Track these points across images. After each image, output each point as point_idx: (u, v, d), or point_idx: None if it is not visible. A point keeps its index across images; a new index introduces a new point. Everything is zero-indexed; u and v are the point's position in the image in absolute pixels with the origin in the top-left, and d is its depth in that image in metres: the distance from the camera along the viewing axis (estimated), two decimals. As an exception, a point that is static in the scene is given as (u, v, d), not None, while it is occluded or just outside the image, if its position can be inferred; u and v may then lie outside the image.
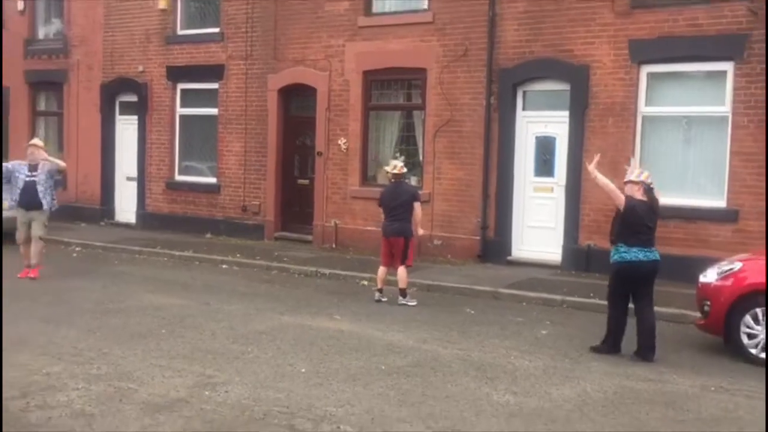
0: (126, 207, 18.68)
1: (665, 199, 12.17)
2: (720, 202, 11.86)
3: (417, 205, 10.82)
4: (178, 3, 17.59)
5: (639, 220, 8.15)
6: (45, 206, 11.89)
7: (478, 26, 13.66)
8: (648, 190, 8.34)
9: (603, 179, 8.36)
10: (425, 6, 14.43)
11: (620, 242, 8.20)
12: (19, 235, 12.01)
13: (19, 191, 11.86)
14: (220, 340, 8.40)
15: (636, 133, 12.49)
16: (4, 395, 6.36)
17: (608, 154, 12.57)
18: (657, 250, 8.27)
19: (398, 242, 10.74)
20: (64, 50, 19.40)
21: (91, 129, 18.87)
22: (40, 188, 11.83)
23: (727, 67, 11.76)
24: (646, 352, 8.06)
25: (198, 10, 17.58)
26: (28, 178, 11.82)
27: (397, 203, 10.76)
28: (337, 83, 15.28)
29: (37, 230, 11.87)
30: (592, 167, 8.56)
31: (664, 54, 12.22)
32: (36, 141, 12.66)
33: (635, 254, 8.11)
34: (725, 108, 11.81)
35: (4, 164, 12.23)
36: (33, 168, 11.92)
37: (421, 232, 11.16)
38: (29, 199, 11.80)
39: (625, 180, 8.45)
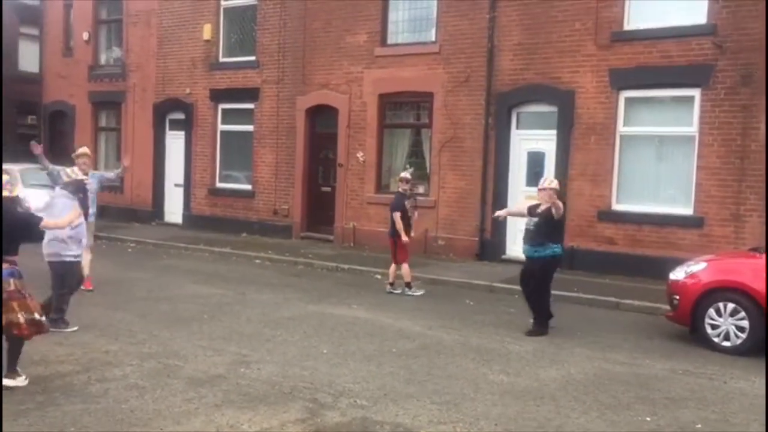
0: (174, 209, 18.71)
1: (640, 207, 12.23)
2: (688, 210, 11.77)
3: (394, 215, 10.64)
4: (220, 34, 17.62)
5: (563, 221, 8.65)
6: (93, 216, 10.15)
7: (478, 56, 13.62)
8: (558, 193, 8.51)
9: (558, 204, 8.32)
10: (433, 38, 14.39)
11: (551, 242, 8.41)
12: None
13: None
14: (254, 325, 8.41)
15: (615, 149, 12.40)
16: (71, 370, 6.40)
17: (590, 167, 12.55)
18: None
19: (390, 242, 10.82)
20: (123, 74, 19.48)
21: (145, 142, 18.93)
22: (91, 196, 9.97)
23: (695, 93, 11.66)
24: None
25: (237, 40, 17.60)
26: None
27: (390, 209, 10.87)
28: (356, 104, 15.27)
29: (89, 241, 9.89)
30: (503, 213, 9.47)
31: (639, 81, 12.14)
32: (86, 150, 10.49)
33: (560, 248, 8.54)
34: (693, 128, 11.72)
35: (53, 169, 10.21)
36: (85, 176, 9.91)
37: (403, 238, 10.58)
38: (82, 209, 9.65)
39: (544, 187, 8.47)
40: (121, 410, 5.42)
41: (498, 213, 9.74)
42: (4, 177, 6.33)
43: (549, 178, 8.95)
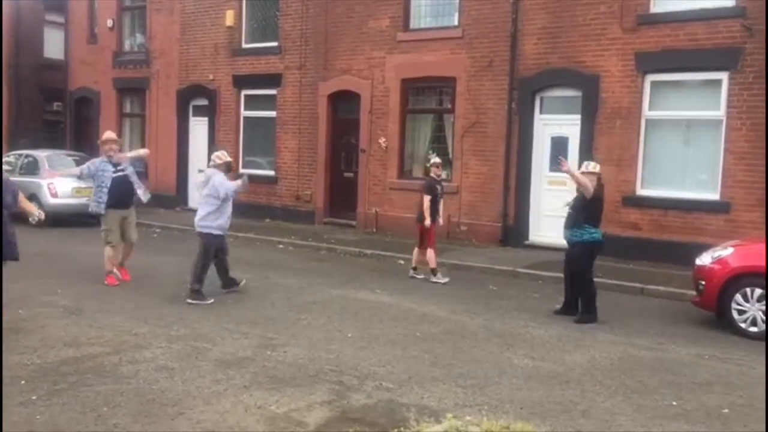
0: (197, 195, 18.84)
1: (666, 192, 12.12)
2: (714, 195, 11.64)
3: (424, 198, 10.65)
4: (242, 20, 17.68)
5: (601, 205, 8.53)
6: (142, 198, 9.92)
7: (501, 41, 13.54)
8: (598, 178, 8.56)
9: (578, 175, 8.42)
10: (455, 23, 14.32)
11: (588, 225, 8.39)
12: (113, 237, 9.63)
13: (107, 190, 9.54)
14: (279, 309, 8.50)
15: (640, 134, 12.30)
16: (101, 351, 6.53)
17: (615, 152, 12.46)
18: None
19: (418, 227, 10.80)
20: (147, 61, 19.62)
21: (169, 128, 19.08)
22: (134, 180, 9.80)
23: (723, 76, 11.51)
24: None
25: (259, 26, 17.64)
26: (116, 174, 9.60)
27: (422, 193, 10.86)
28: (379, 90, 15.25)
29: (134, 233, 9.93)
30: (571, 168, 8.71)
31: (666, 65, 12.00)
32: (111, 134, 10.14)
33: (599, 234, 8.47)
34: (720, 112, 11.57)
35: (87, 164, 9.95)
36: (116, 163, 9.68)
37: (426, 222, 10.56)
38: (124, 196, 9.67)
39: (584, 171, 8.57)
40: (152, 391, 5.52)
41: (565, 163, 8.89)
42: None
43: (592, 163, 8.86)
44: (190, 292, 8.74)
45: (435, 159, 11.22)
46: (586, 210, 8.45)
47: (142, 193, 9.93)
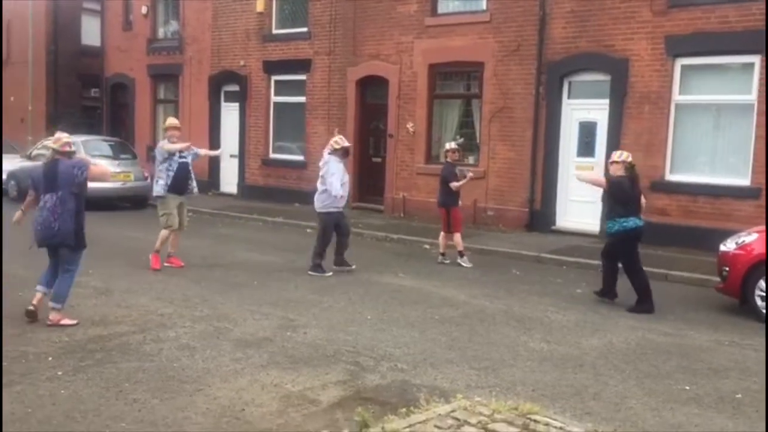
0: (229, 180, 19.15)
1: (695, 178, 11.98)
2: (744, 181, 11.47)
3: (451, 184, 10.68)
4: (273, 6, 17.82)
5: (625, 193, 8.28)
6: (194, 189, 10.12)
7: (529, 25, 13.44)
8: (629, 167, 8.46)
9: (586, 176, 8.67)
10: (483, 7, 14.25)
11: (616, 215, 8.27)
12: (173, 221, 9.74)
13: (172, 174, 9.67)
14: (301, 291, 8.65)
15: (669, 118, 12.14)
16: (127, 330, 6.74)
17: (644, 137, 12.32)
18: (641, 217, 8.40)
19: (441, 212, 10.83)
20: (179, 47, 19.90)
21: (201, 114, 19.36)
22: (191, 170, 10.02)
23: (755, 59, 11.29)
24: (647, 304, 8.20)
25: (289, 12, 17.76)
26: (181, 160, 9.77)
27: (440, 179, 10.90)
28: (407, 75, 15.27)
29: (186, 219, 10.10)
30: (581, 174, 9.05)
31: (696, 48, 11.81)
32: (175, 121, 10.24)
33: (634, 222, 8.23)
34: (752, 96, 11.36)
35: (157, 150, 10.00)
36: (186, 148, 9.95)
37: (459, 183, 10.64)
38: (183, 183, 9.82)
39: (610, 161, 8.66)
40: (173, 368, 5.70)
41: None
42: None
43: (617, 152, 8.82)
44: (312, 265, 9.65)
45: (452, 144, 11.23)
46: (612, 200, 8.42)
47: (195, 185, 10.16)
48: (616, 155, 8.68)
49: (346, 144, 9.95)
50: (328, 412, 4.92)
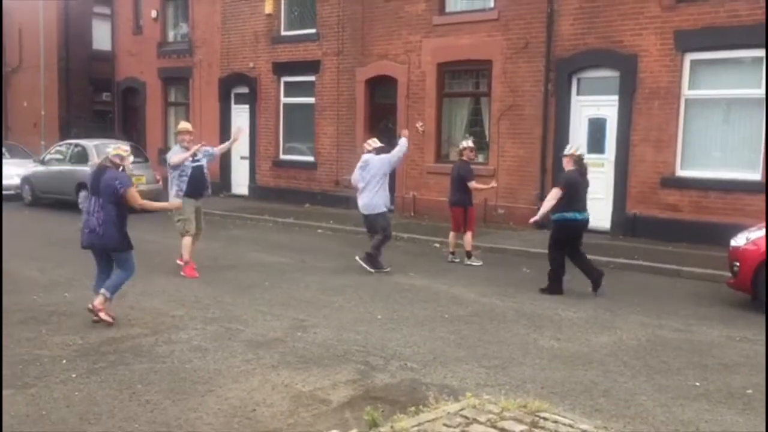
0: (240, 181, 19.25)
1: (705, 173, 11.93)
2: (755, 175, 11.41)
3: (470, 184, 10.70)
4: (281, 8, 17.89)
5: (573, 187, 8.69)
6: (208, 192, 10.08)
7: (537, 22, 13.43)
8: (578, 160, 8.91)
9: (547, 206, 8.88)
10: (491, 5, 14.24)
11: (561, 207, 8.68)
12: (191, 226, 9.65)
13: (186, 179, 9.52)
14: (312, 291, 8.69)
15: (679, 114, 12.10)
16: (140, 332, 6.81)
17: (653, 133, 12.29)
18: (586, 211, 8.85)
19: (455, 211, 10.82)
20: (189, 50, 20.03)
21: (211, 116, 19.48)
22: (206, 172, 9.85)
23: (764, 53, 11.22)
24: (599, 281, 8.71)
25: (298, 13, 17.84)
26: (194, 164, 9.59)
27: (452, 178, 10.88)
28: (415, 74, 15.30)
29: (202, 223, 10.01)
30: (541, 214, 9.09)
31: (706, 43, 11.76)
32: (188, 125, 10.08)
33: (573, 215, 8.66)
34: (761, 90, 11.30)
35: (170, 154, 9.86)
36: (193, 154, 9.66)
37: (477, 186, 10.84)
38: (199, 187, 9.67)
39: (562, 154, 9.21)
40: (185, 369, 5.76)
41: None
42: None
43: (569, 145, 9.52)
44: (366, 256, 9.94)
45: (469, 143, 11.20)
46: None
47: (209, 188, 10.09)
48: (567, 149, 9.21)
49: (379, 144, 10.45)
50: (338, 412, 4.96)
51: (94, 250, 7.14)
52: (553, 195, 8.78)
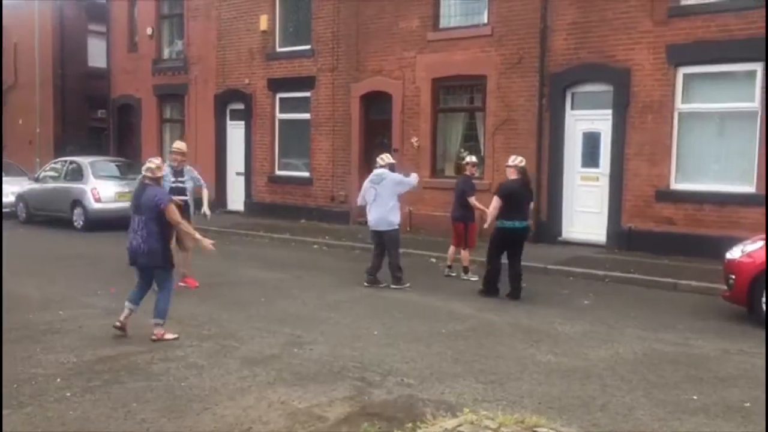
0: (236, 197, 19.22)
1: (700, 186, 11.97)
2: (750, 188, 11.45)
3: (470, 199, 10.70)
4: (276, 25, 17.96)
5: (513, 197, 9.16)
6: (203, 211, 10.28)
7: (531, 37, 13.51)
8: (521, 170, 9.39)
9: (493, 213, 9.40)
10: (485, 21, 14.33)
11: (502, 216, 9.17)
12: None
13: None
14: (308, 308, 8.67)
15: (673, 127, 12.15)
16: (135, 350, 6.78)
17: (647, 147, 12.34)
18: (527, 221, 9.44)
19: (457, 226, 10.82)
20: (185, 67, 20.06)
21: (207, 132, 19.47)
22: (188, 194, 9.86)
23: (757, 67, 11.30)
24: (515, 292, 9.23)
25: (293, 30, 17.89)
26: (173, 184, 9.62)
27: (455, 193, 10.89)
28: (410, 90, 15.35)
29: (188, 241, 9.57)
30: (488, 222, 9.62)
31: (698, 57, 11.84)
32: (181, 146, 10.16)
33: (512, 224, 9.18)
34: (755, 104, 11.37)
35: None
36: (178, 173, 9.82)
37: (480, 207, 10.61)
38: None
39: (506, 164, 9.63)
40: (181, 387, 5.73)
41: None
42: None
43: (514, 156, 9.72)
44: (393, 279, 9.93)
45: (472, 158, 11.24)
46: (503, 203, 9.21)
47: (193, 209, 9.96)
48: (510, 160, 9.53)
49: (393, 161, 10.50)
50: (335, 429, 4.93)
51: (137, 267, 7.31)
52: (494, 204, 9.26)
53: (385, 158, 10.39)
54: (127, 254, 7.28)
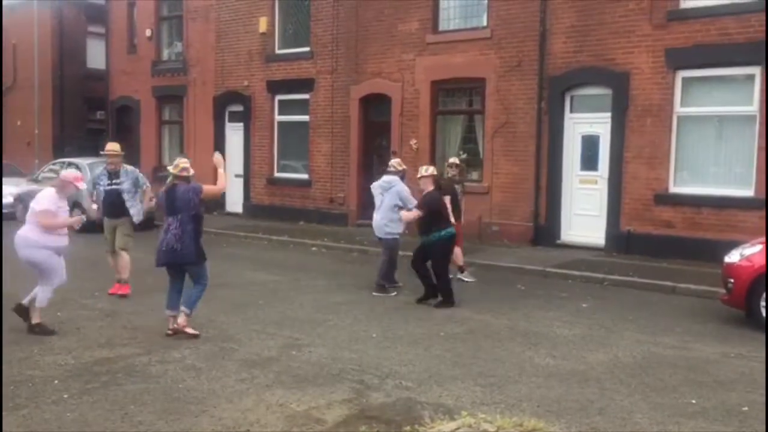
0: (234, 199, 19.18)
1: (699, 190, 11.98)
2: (748, 192, 11.45)
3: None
4: (275, 27, 17.97)
5: (439, 204, 9.19)
6: (131, 215, 9.66)
7: (530, 40, 13.52)
8: (436, 179, 9.34)
9: (408, 216, 9.43)
10: (484, 23, 14.33)
11: (439, 226, 9.07)
12: (109, 245, 9.75)
13: (100, 200, 9.72)
14: (307, 310, 8.66)
15: (672, 131, 12.15)
16: (133, 352, 6.77)
17: (646, 150, 12.35)
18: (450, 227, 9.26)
19: (455, 227, 10.78)
20: (184, 69, 20.06)
21: (206, 134, 19.46)
22: (126, 197, 9.57)
23: (755, 71, 11.31)
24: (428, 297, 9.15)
25: (292, 32, 17.90)
26: (108, 187, 9.61)
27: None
28: (409, 92, 15.36)
29: (120, 241, 9.55)
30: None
31: (697, 60, 11.85)
32: (114, 148, 9.91)
33: (447, 231, 9.13)
34: (753, 108, 11.38)
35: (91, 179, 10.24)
36: (114, 175, 9.65)
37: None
38: (111, 209, 9.59)
39: (418, 176, 9.35)
40: (178, 389, 5.72)
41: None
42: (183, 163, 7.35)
43: (425, 166, 9.62)
44: (376, 287, 9.71)
45: (451, 159, 11.28)
46: (431, 214, 9.15)
47: (135, 213, 9.65)
48: (422, 170, 9.36)
49: (404, 167, 10.22)
50: (333, 431, 4.92)
51: (170, 268, 7.37)
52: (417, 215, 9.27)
53: (397, 165, 10.13)
54: (157, 256, 7.32)
